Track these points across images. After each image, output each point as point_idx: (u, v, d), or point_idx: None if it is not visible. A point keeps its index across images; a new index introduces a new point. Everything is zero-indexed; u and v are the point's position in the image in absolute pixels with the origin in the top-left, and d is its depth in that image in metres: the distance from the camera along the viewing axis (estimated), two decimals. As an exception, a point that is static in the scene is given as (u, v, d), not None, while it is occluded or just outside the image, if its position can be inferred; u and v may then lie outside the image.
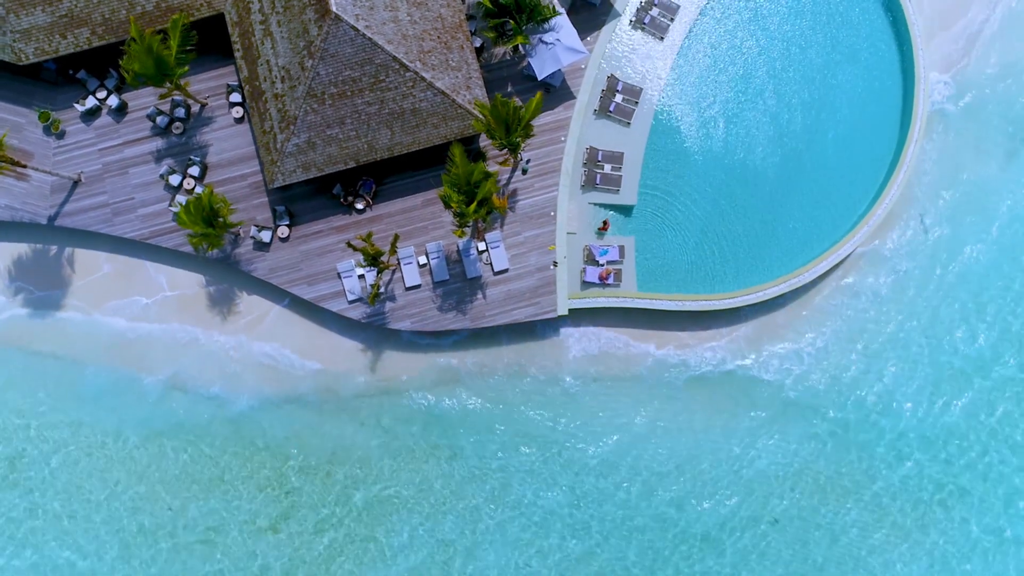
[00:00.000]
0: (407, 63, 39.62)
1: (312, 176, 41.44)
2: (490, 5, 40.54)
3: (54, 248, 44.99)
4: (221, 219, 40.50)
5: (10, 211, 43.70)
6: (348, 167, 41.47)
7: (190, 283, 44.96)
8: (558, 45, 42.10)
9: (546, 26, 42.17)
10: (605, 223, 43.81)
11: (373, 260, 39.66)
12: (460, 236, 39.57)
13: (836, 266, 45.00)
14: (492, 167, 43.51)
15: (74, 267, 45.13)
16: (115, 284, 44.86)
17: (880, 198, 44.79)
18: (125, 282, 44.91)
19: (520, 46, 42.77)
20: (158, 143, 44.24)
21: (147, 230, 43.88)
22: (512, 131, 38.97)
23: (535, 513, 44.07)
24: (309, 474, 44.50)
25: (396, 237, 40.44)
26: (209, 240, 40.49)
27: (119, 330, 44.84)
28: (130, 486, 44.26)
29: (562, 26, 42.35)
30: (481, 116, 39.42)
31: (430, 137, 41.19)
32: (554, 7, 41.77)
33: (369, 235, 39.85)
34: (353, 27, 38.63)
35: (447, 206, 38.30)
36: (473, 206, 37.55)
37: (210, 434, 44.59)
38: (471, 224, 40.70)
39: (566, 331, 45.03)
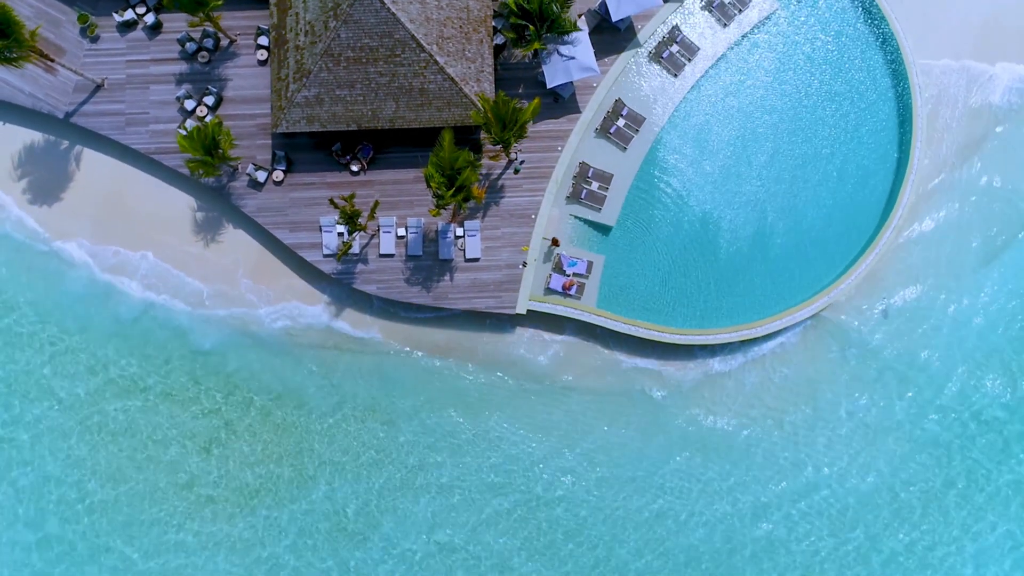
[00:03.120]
0: (424, 44, 41.51)
1: (314, 129, 43.45)
2: (514, 7, 42.26)
3: (65, 143, 47.28)
4: (220, 150, 42.58)
5: (32, 99, 46.05)
6: (349, 129, 43.44)
7: (181, 205, 47.06)
8: (573, 59, 43.78)
9: (565, 39, 43.86)
10: (555, 240, 45.36)
11: (349, 219, 41.54)
12: (435, 215, 41.37)
13: (787, 328, 46.34)
14: (483, 160, 45.21)
15: (80, 166, 47.37)
16: (112, 192, 47.00)
17: (847, 273, 46.11)
18: (122, 193, 47.03)
19: (538, 52, 44.48)
20: (182, 67, 46.42)
21: (153, 145, 46.10)
22: (507, 129, 40.70)
23: (451, 495, 45.77)
24: (250, 408, 46.47)
25: (376, 204, 42.38)
26: (204, 167, 42.66)
27: (108, 237, 47.04)
28: (83, 381, 46.43)
29: (581, 42, 44.04)
30: (481, 108, 41.15)
31: (432, 118, 43.05)
32: (575, 22, 43.45)
33: (351, 196, 41.80)
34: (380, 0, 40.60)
35: (428, 185, 40.10)
36: (451, 191, 39.33)
37: (166, 351, 46.68)
38: (448, 207, 42.41)
39: (521, 329, 46.72)
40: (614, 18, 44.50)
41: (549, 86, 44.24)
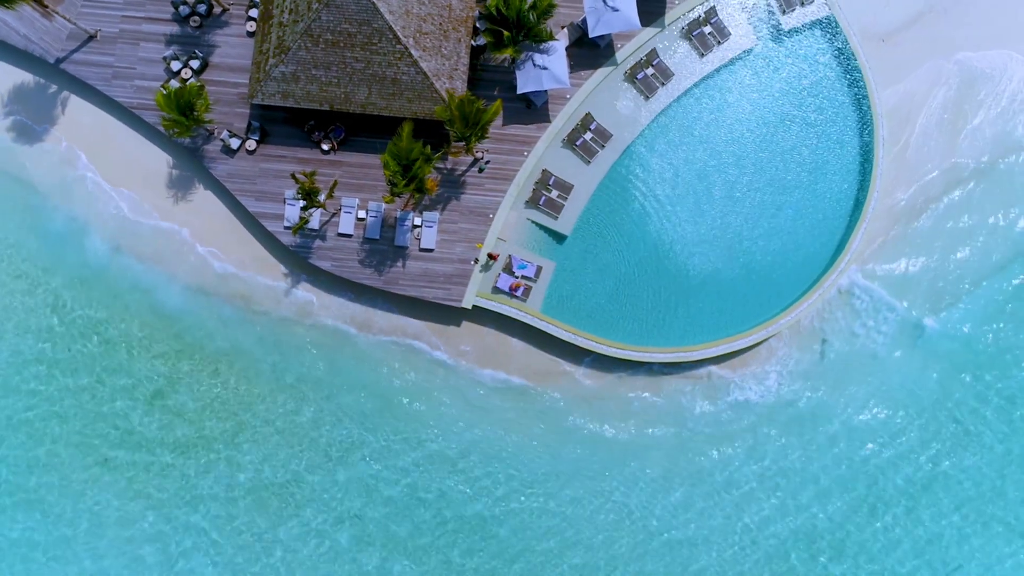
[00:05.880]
0: (401, 36, 42.80)
1: (288, 105, 44.82)
2: (493, 11, 43.47)
3: (53, 88, 48.84)
4: (195, 113, 44.02)
5: (26, 41, 47.63)
6: (322, 108, 44.78)
7: (157, 162, 48.55)
8: (546, 69, 44.97)
9: (542, 47, 45.04)
10: (492, 254, 46.47)
11: (307, 195, 42.88)
12: (388, 202, 42.67)
13: (724, 356, 47.45)
14: (446, 155, 46.39)
15: (65, 112, 48.93)
16: (92, 141, 48.51)
17: (789, 308, 47.18)
18: (102, 142, 48.53)
19: (513, 58, 45.68)
20: (173, 28, 47.90)
21: (136, 100, 47.60)
22: (468, 127, 41.96)
23: (377, 475, 47.16)
24: (199, 366, 47.87)
25: (335, 183, 43.68)
26: (179, 127, 44.15)
27: (85, 183, 48.48)
28: (43, 318, 47.99)
29: (556, 52, 45.22)
30: (447, 105, 42.40)
31: (401, 109, 44.36)
32: (552, 33, 44.63)
33: (312, 172, 43.14)
34: (363, -13, 41.94)
35: (384, 171, 41.40)
36: (405, 181, 40.60)
37: (126, 300, 48.14)
38: (401, 196, 43.63)
39: (467, 324, 47.96)
40: (591, 35, 45.60)
41: (519, 92, 45.44)
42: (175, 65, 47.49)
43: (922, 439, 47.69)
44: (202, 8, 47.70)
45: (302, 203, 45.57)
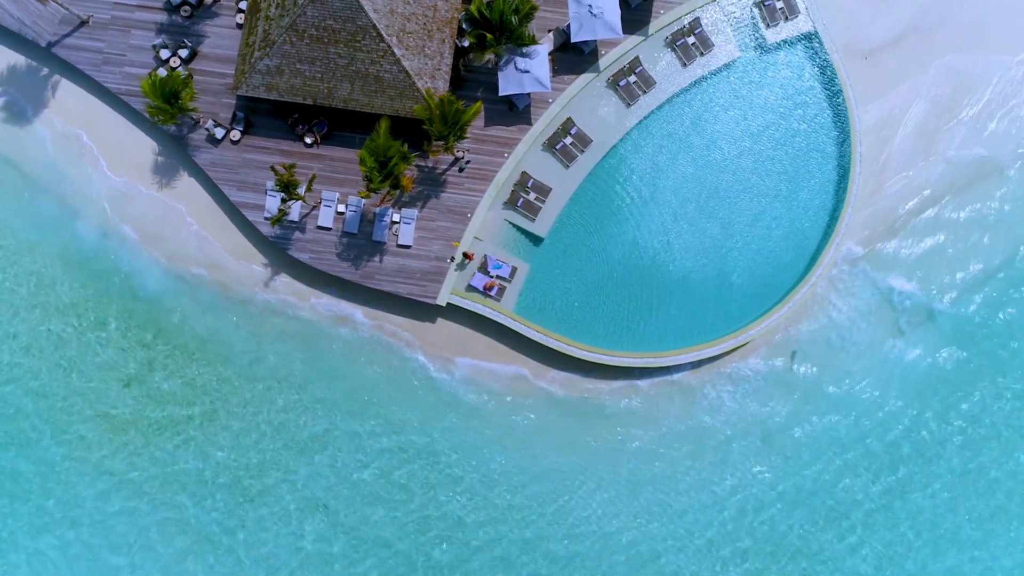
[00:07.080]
0: (384, 35, 43.38)
1: (272, 98, 45.45)
2: (476, 14, 44.00)
3: (45, 71, 49.54)
4: (179, 101, 44.66)
5: (19, 24, 48.35)
6: (306, 103, 45.37)
7: (144, 147, 49.23)
8: (527, 72, 45.50)
9: (524, 50, 45.56)
10: (468, 253, 46.99)
11: (285, 188, 43.47)
12: (364, 197, 43.24)
13: (698, 362, 47.96)
14: (427, 154, 46.96)
15: (55, 95, 49.63)
16: (80, 125, 49.21)
17: (757, 321, 47.59)
18: (89, 127, 49.21)
19: (497, 60, 46.20)
20: (164, 17, 48.56)
21: (124, 87, 48.28)
22: (447, 126, 42.51)
23: (350, 466, 47.90)
24: (175, 351, 48.54)
25: (313, 176, 44.28)
26: (163, 115, 44.81)
27: (74, 166, 49.19)
28: (23, 298, 48.72)
29: (538, 56, 45.74)
30: (427, 104, 42.95)
31: (383, 106, 44.93)
32: (534, 36, 45.15)
33: (292, 165, 43.74)
34: (348, -15, 42.51)
35: (361, 167, 41.96)
36: (381, 177, 41.17)
37: (105, 281, 48.85)
38: (378, 191, 44.18)
39: (441, 321, 48.53)
40: (573, 40, 46.10)
41: (501, 94, 45.96)
42: (164, 53, 48.14)
43: (898, 441, 48.58)
44: (194, -1, 48.41)
45: (282, 195, 46.15)
